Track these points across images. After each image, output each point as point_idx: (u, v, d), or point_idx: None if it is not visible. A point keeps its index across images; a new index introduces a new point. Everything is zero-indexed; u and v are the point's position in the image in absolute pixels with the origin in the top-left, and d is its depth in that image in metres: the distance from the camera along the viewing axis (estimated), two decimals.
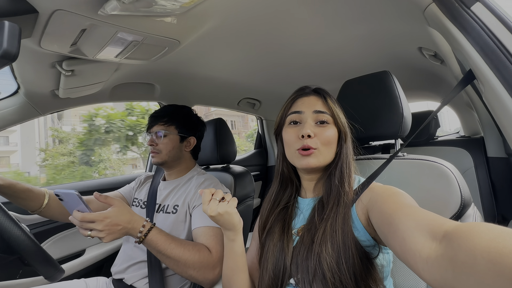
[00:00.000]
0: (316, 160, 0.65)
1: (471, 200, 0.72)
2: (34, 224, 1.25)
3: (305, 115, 0.67)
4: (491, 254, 0.28)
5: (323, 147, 0.65)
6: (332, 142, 0.66)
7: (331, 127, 0.67)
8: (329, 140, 0.66)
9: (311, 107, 0.68)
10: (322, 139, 0.65)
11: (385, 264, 0.62)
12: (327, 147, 0.66)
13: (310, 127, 0.65)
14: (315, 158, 0.65)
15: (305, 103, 0.69)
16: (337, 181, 0.65)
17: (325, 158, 0.66)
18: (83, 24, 0.67)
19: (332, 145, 0.67)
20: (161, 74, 1.34)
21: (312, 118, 0.67)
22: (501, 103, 0.54)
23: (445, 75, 1.58)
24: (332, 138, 0.66)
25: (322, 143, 0.65)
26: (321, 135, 0.65)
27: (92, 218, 0.75)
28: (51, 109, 1.19)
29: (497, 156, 1.71)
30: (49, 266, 0.83)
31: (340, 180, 0.65)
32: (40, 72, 0.93)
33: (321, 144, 0.65)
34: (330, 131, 0.66)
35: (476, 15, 0.58)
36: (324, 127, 0.66)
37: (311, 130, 0.65)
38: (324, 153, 0.66)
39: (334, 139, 0.67)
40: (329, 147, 0.66)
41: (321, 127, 0.66)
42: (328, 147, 0.66)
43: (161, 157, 1.12)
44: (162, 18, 0.74)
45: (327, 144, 0.66)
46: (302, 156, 0.65)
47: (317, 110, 0.67)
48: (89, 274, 1.25)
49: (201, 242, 0.94)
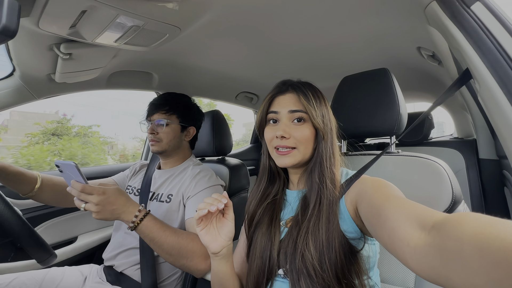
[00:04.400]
0: (292, 159, 0.66)
1: (461, 197, 0.74)
2: (26, 209, 1.24)
3: (281, 115, 0.68)
4: (478, 240, 0.28)
5: (301, 145, 0.66)
6: (309, 140, 0.67)
7: (307, 125, 0.67)
8: (305, 139, 0.66)
9: (286, 107, 0.68)
10: (298, 137, 0.66)
11: (371, 255, 0.63)
12: (305, 145, 0.67)
13: (285, 127, 0.66)
14: (292, 158, 0.66)
15: (281, 103, 0.69)
16: (317, 178, 0.65)
17: (303, 155, 0.67)
18: (83, 5, 0.66)
19: (309, 143, 0.67)
20: (160, 63, 1.33)
21: (288, 118, 0.68)
22: (496, 103, 0.55)
23: (442, 76, 1.59)
24: (307, 136, 0.67)
25: (299, 141, 0.66)
26: (296, 134, 0.66)
27: (91, 190, 0.75)
28: (46, 93, 1.17)
29: (488, 158, 1.75)
30: (42, 250, 0.83)
31: (320, 177, 0.65)
32: (37, 55, 0.92)
33: (299, 143, 0.66)
34: (305, 129, 0.67)
35: (476, 14, 0.59)
36: (300, 125, 0.67)
37: (286, 130, 0.66)
38: (302, 151, 0.67)
39: (310, 137, 0.67)
40: (307, 145, 0.67)
41: (297, 125, 0.67)
42: (306, 145, 0.67)
43: (161, 146, 1.11)
44: (164, 4, 0.73)
45: (304, 143, 0.66)
46: (279, 155, 0.67)
47: (292, 109, 0.67)
48: (81, 261, 1.25)
49: (194, 232, 0.95)
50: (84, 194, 0.75)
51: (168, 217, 1.04)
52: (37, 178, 0.97)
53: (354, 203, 0.60)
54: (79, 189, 0.75)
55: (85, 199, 0.75)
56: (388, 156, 0.85)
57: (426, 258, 0.35)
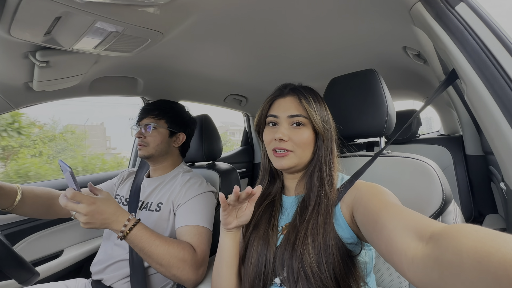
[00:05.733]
0: (290, 162, 0.67)
1: (451, 197, 0.74)
2: (7, 224, 1.18)
3: (280, 119, 0.69)
4: (478, 253, 0.28)
5: (299, 149, 0.67)
6: (308, 144, 0.67)
7: (306, 129, 0.67)
8: (303, 142, 0.67)
9: (286, 111, 0.68)
10: (297, 141, 0.66)
11: (368, 260, 0.63)
12: (303, 149, 0.67)
13: (284, 130, 0.67)
14: (289, 160, 0.66)
15: (281, 107, 0.70)
16: (317, 181, 0.66)
17: (301, 159, 0.67)
18: (57, 11, 0.63)
19: (307, 147, 0.68)
20: (145, 68, 1.29)
21: (287, 122, 0.68)
22: (482, 102, 0.55)
23: (428, 75, 1.62)
24: (306, 140, 0.67)
25: (297, 145, 0.66)
26: (295, 138, 0.66)
27: (81, 198, 0.73)
28: (25, 102, 1.12)
29: (474, 154, 1.78)
30: (23, 270, 0.78)
31: (319, 180, 0.66)
32: (12, 63, 0.87)
33: (296, 146, 0.66)
34: (304, 133, 0.67)
35: (460, 15, 0.59)
36: (299, 129, 0.67)
37: (285, 134, 0.66)
38: (299, 154, 0.67)
39: (310, 141, 0.67)
40: (305, 149, 0.67)
41: (296, 129, 0.67)
42: (304, 149, 0.67)
43: (148, 150, 1.10)
44: (144, 8, 0.70)
45: (302, 146, 0.67)
46: (276, 158, 0.68)
47: (291, 114, 0.68)
48: (68, 276, 1.20)
49: (185, 240, 0.92)
50: (72, 204, 0.73)
51: (159, 226, 1.01)
52: (17, 190, 0.92)
53: (350, 209, 0.60)
54: (69, 196, 0.73)
55: (73, 208, 0.73)
56: (378, 157, 0.84)
57: (424, 269, 0.35)
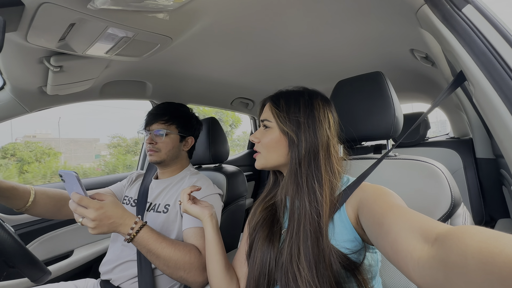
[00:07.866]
0: (258, 162, 0.73)
1: (461, 200, 0.73)
2: (20, 224, 1.22)
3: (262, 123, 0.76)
4: (483, 254, 0.28)
5: (264, 150, 0.71)
6: (272, 146, 0.70)
7: (273, 132, 0.71)
8: (267, 144, 0.71)
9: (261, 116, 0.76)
10: (263, 142, 0.72)
11: (373, 263, 0.62)
12: (268, 150, 0.71)
13: (257, 132, 0.74)
14: (258, 161, 0.73)
15: (262, 112, 0.77)
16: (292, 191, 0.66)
17: (267, 160, 0.72)
18: (71, 18, 0.65)
19: (273, 148, 0.70)
20: (153, 72, 1.32)
21: (262, 125, 0.74)
22: (491, 104, 0.54)
23: (436, 77, 1.60)
24: (272, 142, 0.70)
25: (263, 146, 0.71)
26: (262, 139, 0.72)
27: (87, 203, 0.74)
28: (39, 106, 1.16)
29: (485, 157, 1.75)
30: (35, 269, 0.80)
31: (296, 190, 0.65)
32: (27, 68, 0.91)
33: (262, 147, 0.72)
34: (270, 136, 0.71)
35: (467, 17, 0.59)
36: (266, 131, 0.72)
37: (256, 135, 0.73)
38: (266, 155, 0.71)
39: (275, 143, 0.70)
40: (270, 150, 0.71)
41: (264, 131, 0.73)
42: (269, 150, 0.71)
43: (160, 156, 1.11)
44: (154, 14, 0.73)
45: (267, 147, 0.71)
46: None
47: (261, 119, 0.75)
48: (78, 276, 1.23)
49: (191, 243, 0.93)
50: (81, 208, 0.74)
51: (166, 228, 1.02)
52: (30, 191, 0.95)
53: (355, 210, 0.59)
54: (76, 201, 0.74)
55: (81, 213, 0.74)
56: (386, 160, 0.84)
57: (429, 271, 0.34)
